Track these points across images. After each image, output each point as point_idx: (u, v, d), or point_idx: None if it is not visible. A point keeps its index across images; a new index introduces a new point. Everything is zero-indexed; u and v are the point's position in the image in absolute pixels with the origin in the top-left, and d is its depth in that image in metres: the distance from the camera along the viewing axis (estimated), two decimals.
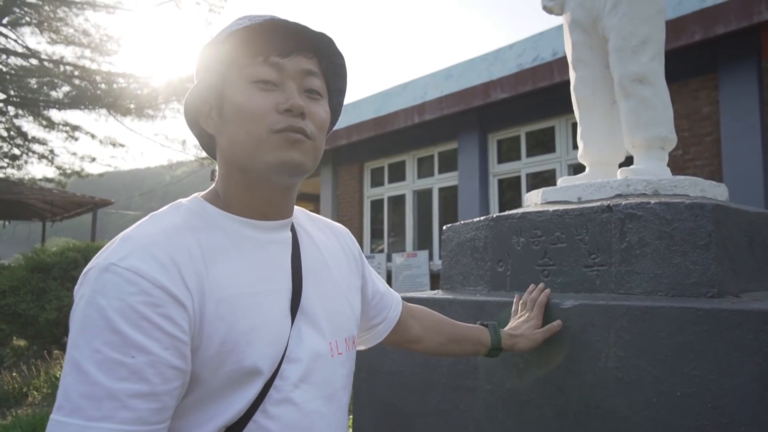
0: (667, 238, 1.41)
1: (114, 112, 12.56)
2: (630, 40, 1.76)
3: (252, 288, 0.80)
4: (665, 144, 1.79)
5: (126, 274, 0.70)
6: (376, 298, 1.13)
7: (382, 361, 1.94)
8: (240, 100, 0.81)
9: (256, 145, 0.81)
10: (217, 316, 0.75)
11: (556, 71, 6.33)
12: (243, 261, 0.81)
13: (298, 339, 0.83)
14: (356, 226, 9.69)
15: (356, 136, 9.08)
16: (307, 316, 0.86)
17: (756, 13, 4.81)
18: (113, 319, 0.68)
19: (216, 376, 0.75)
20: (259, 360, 0.77)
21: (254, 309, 0.79)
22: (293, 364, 0.82)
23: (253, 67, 0.81)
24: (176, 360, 0.71)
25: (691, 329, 1.24)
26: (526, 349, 1.39)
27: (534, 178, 7.38)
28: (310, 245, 0.94)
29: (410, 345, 1.26)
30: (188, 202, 0.85)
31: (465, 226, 1.90)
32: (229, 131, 0.82)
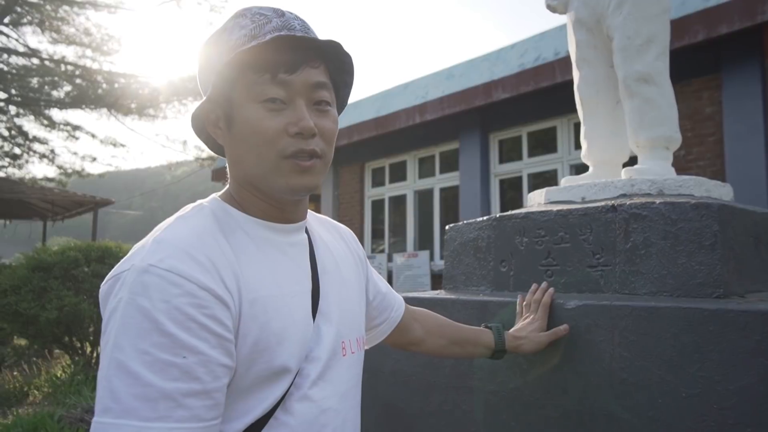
0: (672, 238, 1.40)
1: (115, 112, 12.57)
2: (635, 40, 1.75)
3: (279, 290, 0.81)
4: (670, 144, 1.78)
5: (168, 276, 0.70)
6: (378, 298, 1.14)
7: (384, 362, 1.93)
8: (250, 122, 0.80)
9: (266, 169, 0.81)
10: (251, 317, 0.76)
11: (558, 71, 6.31)
12: (269, 263, 0.82)
13: (318, 338, 0.86)
14: (357, 226, 9.68)
15: (357, 136, 9.07)
16: (324, 316, 0.88)
17: (759, 13, 4.79)
18: (161, 321, 0.68)
19: (247, 375, 0.76)
20: (289, 359, 0.79)
21: (283, 310, 0.80)
22: (313, 363, 0.84)
23: (261, 86, 0.79)
24: (224, 358, 0.72)
25: (697, 330, 1.23)
26: (531, 352, 1.38)
27: (536, 178, 7.37)
28: (322, 246, 0.95)
29: (412, 347, 1.27)
30: (210, 203, 0.86)
31: (468, 225, 1.90)
32: (238, 150, 0.83)
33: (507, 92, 6.93)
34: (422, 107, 8.05)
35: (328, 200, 10.18)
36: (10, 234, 14.97)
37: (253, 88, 0.79)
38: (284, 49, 0.80)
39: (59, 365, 6.11)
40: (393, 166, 9.39)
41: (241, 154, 0.82)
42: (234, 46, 0.80)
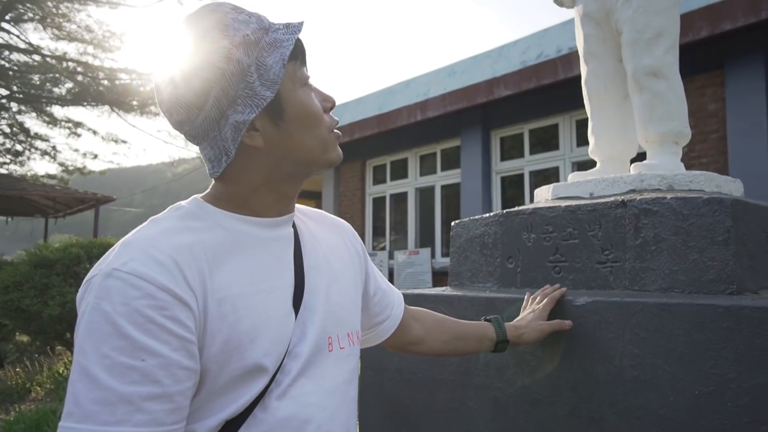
0: (683, 233, 1.38)
1: (117, 109, 12.56)
2: (644, 33, 1.72)
3: (255, 286, 0.80)
4: (679, 138, 1.76)
5: (129, 279, 0.70)
6: (378, 294, 1.12)
7: (389, 359, 1.92)
8: (304, 106, 0.83)
9: (323, 147, 0.86)
10: (220, 316, 0.75)
11: (560, 68, 6.29)
12: (246, 259, 0.81)
13: (301, 334, 0.85)
14: (358, 223, 9.67)
15: (359, 133, 9.05)
16: (309, 311, 0.87)
17: (764, 8, 4.77)
18: (120, 324, 0.68)
19: (221, 374, 0.76)
20: (263, 357, 0.78)
21: (257, 307, 0.79)
22: (294, 359, 0.83)
23: (299, 71, 0.83)
24: (186, 360, 0.71)
25: (710, 327, 1.21)
26: (533, 341, 1.35)
27: (537, 176, 7.35)
28: (311, 240, 0.94)
29: (413, 347, 1.24)
30: (187, 203, 0.85)
31: (474, 222, 1.88)
32: (295, 138, 0.83)
33: (509, 89, 6.90)
34: (424, 104, 8.03)
35: (330, 197, 10.17)
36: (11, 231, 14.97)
37: (293, 74, 0.82)
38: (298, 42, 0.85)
39: (61, 362, 6.10)
40: (394, 163, 9.38)
41: (300, 140, 0.84)
42: (254, 41, 0.79)
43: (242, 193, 0.85)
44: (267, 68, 0.78)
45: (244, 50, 0.78)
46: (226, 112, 0.79)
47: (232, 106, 0.79)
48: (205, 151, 0.84)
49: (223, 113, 0.79)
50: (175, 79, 0.79)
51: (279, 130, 0.82)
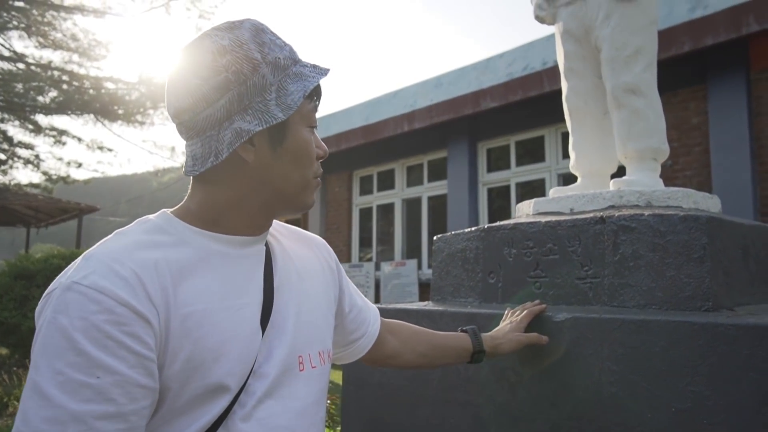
0: (661, 250, 1.39)
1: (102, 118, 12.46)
2: (623, 51, 1.75)
3: (221, 303, 0.78)
4: (658, 155, 1.78)
5: (89, 293, 0.68)
6: (354, 311, 1.10)
7: (371, 374, 1.90)
8: (304, 144, 0.85)
9: (303, 188, 0.87)
10: (183, 333, 0.74)
11: (545, 81, 6.35)
12: (213, 276, 0.79)
13: (268, 353, 0.83)
14: (344, 234, 9.65)
15: (345, 144, 9.05)
16: (277, 329, 0.85)
17: (744, 24, 4.85)
18: (76, 339, 0.66)
19: (182, 393, 0.74)
20: (226, 377, 0.76)
21: (223, 325, 0.77)
22: (260, 380, 0.81)
23: (310, 113, 0.86)
24: (143, 378, 0.70)
25: (687, 344, 1.22)
26: (509, 352, 1.35)
27: (523, 187, 7.39)
28: (283, 257, 0.93)
29: (389, 361, 1.22)
30: (155, 217, 0.84)
31: (456, 236, 1.88)
32: (284, 168, 0.84)
33: (495, 101, 6.95)
34: (410, 116, 8.05)
35: (316, 208, 10.12)
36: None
37: (306, 113, 0.85)
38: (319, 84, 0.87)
39: None
40: (381, 174, 9.38)
41: (288, 172, 0.84)
42: (283, 66, 0.82)
43: (215, 208, 0.83)
44: (287, 93, 0.81)
45: (272, 70, 0.80)
46: (232, 117, 0.79)
47: (241, 114, 0.79)
48: (194, 147, 0.82)
49: (230, 117, 0.79)
50: (198, 67, 0.79)
51: (274, 154, 0.83)
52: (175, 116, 0.83)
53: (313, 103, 0.86)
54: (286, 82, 0.81)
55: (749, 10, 4.85)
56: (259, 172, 0.83)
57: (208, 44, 0.79)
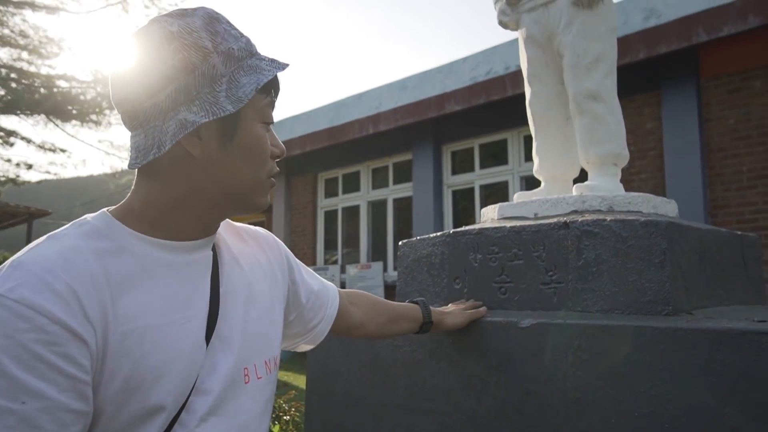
0: (623, 255, 1.41)
1: (54, 118, 12.04)
2: (584, 58, 1.77)
3: (164, 318, 0.73)
4: (618, 160, 1.81)
5: (17, 308, 0.61)
6: (312, 299, 1.07)
7: (335, 383, 1.87)
8: (258, 139, 0.80)
9: (256, 187, 0.82)
10: (122, 352, 0.68)
11: (508, 85, 6.43)
12: (155, 289, 0.73)
13: (212, 368, 0.78)
14: (309, 237, 9.57)
15: (310, 146, 8.97)
16: (222, 341, 0.80)
17: (694, 34, 5.02)
18: (1, 361, 0.60)
19: (117, 415, 0.68)
20: (166, 397, 0.71)
21: (166, 342, 0.72)
22: (203, 396, 0.76)
23: (265, 108, 0.81)
24: (75, 402, 0.64)
25: (648, 348, 1.23)
26: (454, 326, 1.47)
27: (487, 189, 7.47)
28: (231, 262, 0.87)
29: (353, 331, 1.24)
30: (94, 219, 0.76)
31: (421, 241, 1.87)
32: (234, 165, 0.79)
33: (459, 104, 7.00)
34: (375, 118, 8.04)
35: (280, 211, 10.02)
36: None
37: (259, 108, 0.80)
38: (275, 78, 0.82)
39: None
40: (346, 176, 9.34)
41: (239, 169, 0.79)
42: (237, 57, 0.77)
43: (159, 206, 0.77)
44: (239, 86, 0.75)
45: (223, 60, 0.75)
46: (178, 108, 0.73)
47: (188, 105, 0.73)
48: (137, 138, 0.76)
49: (176, 108, 0.73)
50: (144, 54, 0.74)
51: (223, 149, 0.77)
52: (118, 105, 0.77)
53: (269, 99, 0.81)
54: (238, 74, 0.76)
55: (699, 20, 5.02)
56: (207, 167, 0.77)
57: (156, 30, 0.74)
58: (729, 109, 5.10)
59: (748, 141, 4.96)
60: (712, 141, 5.18)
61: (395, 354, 1.71)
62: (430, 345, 1.63)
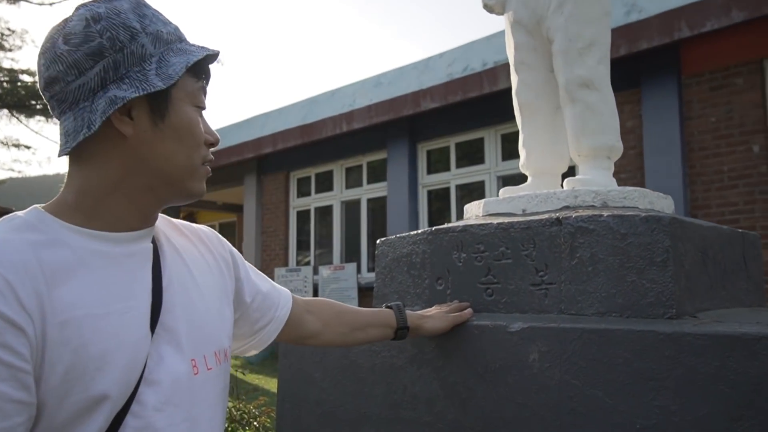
0: (621, 254, 1.30)
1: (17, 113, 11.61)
2: (576, 42, 1.66)
3: (104, 308, 0.73)
4: (611, 153, 1.71)
5: None
6: (258, 299, 1.06)
7: (308, 390, 1.74)
8: (190, 122, 0.81)
9: (190, 171, 0.82)
10: (61, 342, 0.68)
11: (485, 82, 6.36)
12: (93, 279, 0.73)
13: (159, 359, 0.78)
14: (281, 237, 9.40)
15: (282, 144, 8.81)
16: (168, 332, 0.80)
17: (677, 30, 4.99)
18: None
19: (61, 408, 0.68)
20: (111, 386, 0.71)
21: (107, 331, 0.72)
22: (152, 387, 0.76)
23: (197, 92, 0.83)
24: (17, 392, 0.64)
25: (651, 355, 1.13)
26: (434, 330, 1.35)
27: (463, 189, 7.39)
28: (172, 254, 0.87)
29: (309, 341, 1.20)
30: (24, 214, 0.75)
31: (401, 239, 1.74)
32: (166, 146, 0.79)
33: (435, 102, 6.91)
34: (349, 115, 7.91)
35: (251, 210, 9.83)
36: None
37: (190, 91, 0.81)
38: (207, 60, 0.84)
39: None
40: (319, 175, 9.19)
41: (171, 151, 0.79)
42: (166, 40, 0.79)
43: (93, 193, 0.77)
44: (168, 64, 0.77)
45: (152, 40, 0.77)
46: (108, 86, 0.74)
47: (117, 83, 0.74)
48: (66, 123, 0.76)
49: (105, 86, 0.74)
50: (70, 33, 0.74)
51: (155, 130, 0.78)
52: (45, 88, 0.77)
53: (200, 83, 0.83)
54: (168, 55, 0.77)
55: (681, 15, 4.99)
56: (139, 148, 0.77)
57: (83, 12, 0.75)
58: (711, 107, 5.08)
59: (730, 140, 4.94)
60: (693, 139, 5.16)
61: (373, 360, 1.59)
62: (411, 350, 1.51)
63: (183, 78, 0.79)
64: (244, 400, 3.53)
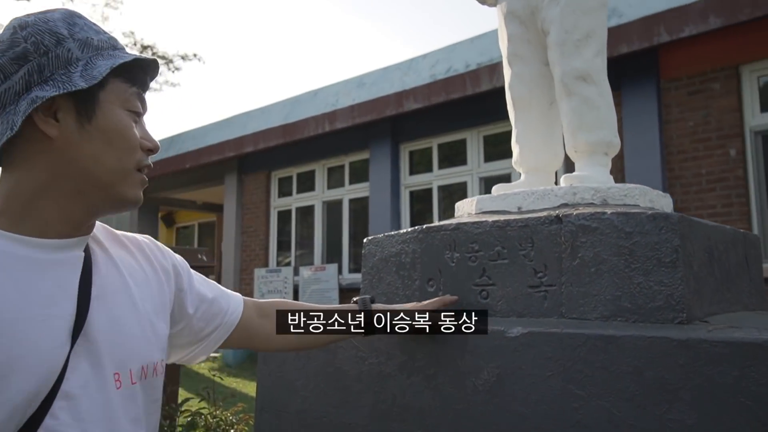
0: (626, 254, 1.22)
1: None
2: (573, 34, 1.58)
3: (19, 313, 0.71)
4: (609, 149, 1.64)
5: None
6: (203, 307, 1.03)
7: (289, 399, 1.63)
8: (119, 124, 0.80)
9: (122, 176, 0.81)
10: None
11: (468, 83, 6.31)
12: (10, 283, 0.71)
13: (77, 371, 0.75)
14: (262, 237, 9.25)
15: (263, 143, 8.67)
16: (91, 344, 0.78)
17: (656, 35, 4.99)
18: None
19: None
20: (18, 395, 0.68)
21: (19, 336, 0.70)
22: (68, 400, 0.73)
23: (130, 96, 0.82)
24: None
25: (664, 363, 1.05)
26: None
27: (444, 190, 7.33)
28: (107, 264, 0.85)
29: (263, 345, 1.17)
30: None
31: (389, 238, 1.64)
32: (95, 148, 0.78)
33: (418, 102, 6.84)
34: (332, 115, 7.81)
35: (232, 210, 9.65)
36: None
37: (122, 95, 0.81)
38: (143, 69, 0.85)
39: None
40: (301, 175, 9.06)
41: (100, 153, 0.78)
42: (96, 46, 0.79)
43: (22, 197, 0.76)
44: (94, 67, 0.77)
45: (80, 46, 0.78)
46: (32, 88, 0.75)
47: (41, 85, 0.75)
48: None
49: (29, 88, 0.75)
50: None
51: (81, 132, 0.77)
52: None
53: (132, 89, 0.83)
54: (96, 59, 0.78)
55: (660, 20, 5.00)
56: (66, 150, 0.77)
57: (13, 21, 0.78)
58: (689, 111, 5.09)
59: (708, 143, 4.95)
60: (672, 143, 5.17)
61: (360, 367, 1.49)
62: (400, 357, 1.41)
63: (113, 82, 0.79)
64: (221, 406, 3.39)
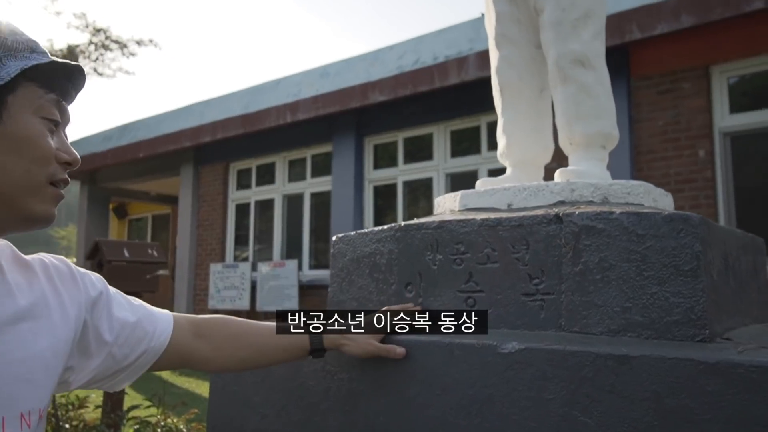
0: (638, 260, 1.07)
1: None
2: (570, 12, 1.43)
3: None
4: (607, 141, 1.49)
5: None
6: (124, 334, 0.95)
7: (245, 417, 1.44)
8: (28, 132, 0.75)
9: (30, 190, 0.75)
10: None
11: (436, 76, 6.17)
12: None
13: None
14: (218, 231, 8.95)
15: (222, 134, 8.36)
16: None
17: (628, 32, 4.95)
18: None
19: None
20: None
21: None
22: None
23: (46, 103, 0.77)
24: None
25: (689, 390, 0.89)
26: (354, 355, 1.17)
27: (409, 186, 7.19)
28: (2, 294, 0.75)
29: (199, 367, 1.09)
30: None
31: (362, 236, 1.45)
32: None
33: (384, 95, 6.67)
34: (294, 106, 7.56)
35: (187, 203, 9.30)
36: None
37: (36, 101, 0.76)
38: (66, 76, 0.80)
39: None
40: (260, 167, 8.80)
41: (5, 161, 0.73)
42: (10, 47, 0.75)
43: None
44: (3, 67, 0.73)
45: None
46: None
47: None
48: None
49: None
50: None
51: None
52: None
53: (50, 95, 0.78)
54: (8, 60, 0.74)
55: (633, 17, 4.96)
56: None
57: None
58: (659, 111, 5.07)
59: (677, 144, 4.95)
60: (641, 143, 5.15)
61: (327, 383, 1.30)
62: (372, 373, 1.23)
63: (27, 86, 0.75)
64: (171, 413, 3.14)
